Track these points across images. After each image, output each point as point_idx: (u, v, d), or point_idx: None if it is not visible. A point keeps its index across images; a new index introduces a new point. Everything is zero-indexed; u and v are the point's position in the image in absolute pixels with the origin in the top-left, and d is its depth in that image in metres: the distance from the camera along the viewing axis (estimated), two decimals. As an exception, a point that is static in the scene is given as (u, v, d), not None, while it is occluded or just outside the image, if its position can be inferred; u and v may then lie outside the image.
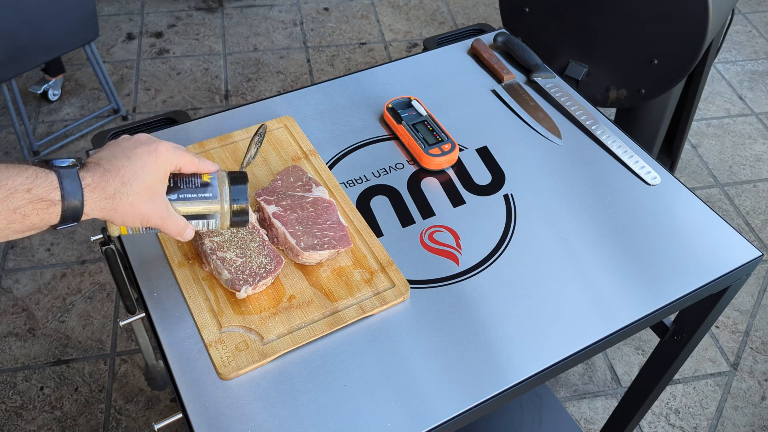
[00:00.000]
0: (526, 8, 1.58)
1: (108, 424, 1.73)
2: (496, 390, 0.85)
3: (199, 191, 0.78)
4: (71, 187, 0.67)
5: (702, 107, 2.72)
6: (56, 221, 0.68)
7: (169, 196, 0.76)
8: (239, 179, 0.81)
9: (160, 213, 0.74)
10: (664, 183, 1.12)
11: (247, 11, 3.11)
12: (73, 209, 0.68)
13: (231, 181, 0.80)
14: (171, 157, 0.75)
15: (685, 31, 1.38)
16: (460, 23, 3.10)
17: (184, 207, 0.78)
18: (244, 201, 0.80)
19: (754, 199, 2.38)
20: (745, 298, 2.09)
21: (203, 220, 0.80)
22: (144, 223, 0.74)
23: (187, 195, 0.78)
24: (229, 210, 0.80)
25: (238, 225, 0.82)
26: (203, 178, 0.79)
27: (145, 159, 0.72)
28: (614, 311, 0.94)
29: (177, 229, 0.77)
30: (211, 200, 0.79)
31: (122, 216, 0.72)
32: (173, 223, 0.77)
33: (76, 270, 2.07)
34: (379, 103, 1.23)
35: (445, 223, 1.04)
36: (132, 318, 0.97)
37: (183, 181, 0.78)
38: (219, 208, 0.79)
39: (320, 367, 0.86)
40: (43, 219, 0.67)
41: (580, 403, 1.83)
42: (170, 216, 0.76)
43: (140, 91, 2.68)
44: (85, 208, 0.68)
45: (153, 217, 0.74)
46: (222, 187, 0.79)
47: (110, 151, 0.72)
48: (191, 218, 0.79)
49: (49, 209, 0.66)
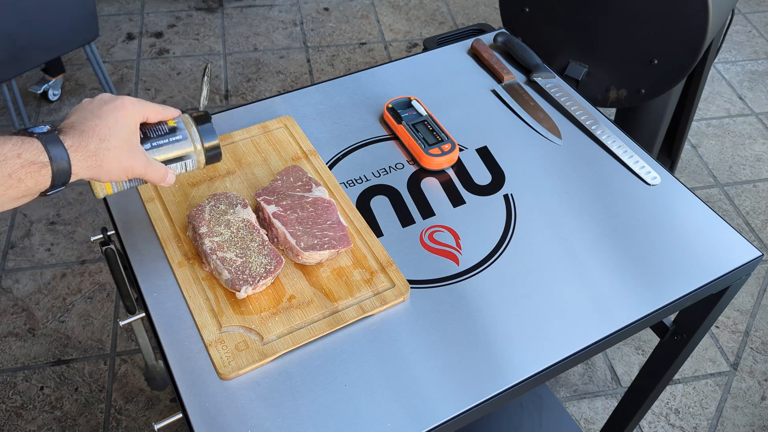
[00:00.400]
0: (526, 8, 1.58)
1: (108, 424, 1.73)
2: (496, 390, 0.85)
3: (170, 136, 0.82)
4: (56, 150, 0.70)
5: (702, 107, 2.72)
6: (48, 183, 0.70)
7: (144, 146, 0.80)
8: (203, 119, 0.85)
9: (141, 162, 0.78)
10: (664, 183, 1.12)
11: (247, 11, 3.11)
12: (62, 170, 0.70)
13: (196, 122, 0.84)
14: (137, 108, 0.78)
15: (685, 31, 1.38)
16: (460, 23, 3.10)
17: (160, 154, 0.82)
18: (213, 138, 0.85)
19: (754, 199, 2.38)
20: (745, 298, 2.09)
21: (180, 162, 0.84)
22: (129, 174, 0.78)
23: (160, 142, 0.82)
24: (202, 148, 0.84)
25: (213, 161, 0.86)
26: (169, 123, 0.83)
27: (115, 114, 0.75)
28: (614, 311, 0.94)
29: (159, 175, 0.81)
30: (183, 142, 0.83)
31: (108, 172, 0.75)
32: (155, 170, 0.80)
33: (76, 270, 2.07)
34: (379, 103, 1.23)
35: (445, 223, 1.04)
36: (132, 318, 0.97)
37: (152, 131, 0.82)
38: (192, 149, 0.84)
39: (320, 367, 0.86)
40: (37, 182, 0.69)
41: (580, 403, 1.83)
42: (151, 164, 0.79)
43: (140, 91, 2.68)
44: (73, 167, 0.71)
45: (136, 167, 0.77)
46: (190, 129, 0.84)
47: (80, 114, 0.75)
48: (168, 163, 0.83)
49: (41, 171, 0.69)
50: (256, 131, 1.14)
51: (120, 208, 1.03)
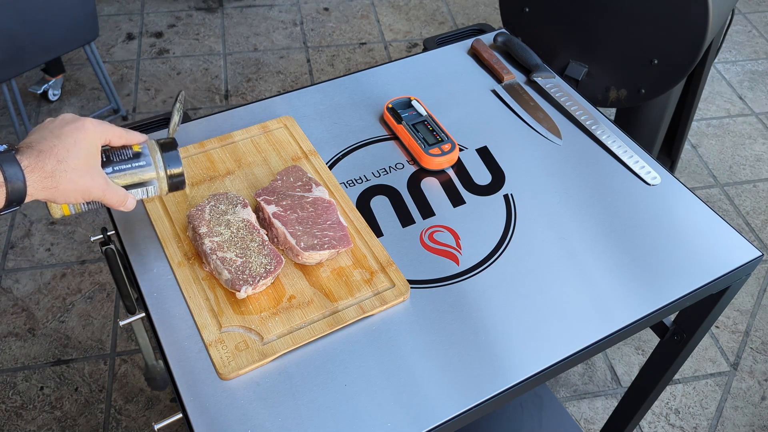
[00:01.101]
0: (526, 8, 1.58)
1: (108, 424, 1.73)
2: (496, 390, 0.85)
3: (133, 161, 0.82)
4: (11, 170, 0.69)
5: (702, 107, 2.72)
6: (2, 203, 0.70)
7: (105, 170, 0.80)
8: (169, 146, 0.85)
9: (99, 185, 0.77)
10: (664, 183, 1.12)
11: (247, 11, 3.11)
12: (17, 190, 0.70)
13: (161, 149, 0.84)
14: (98, 130, 0.78)
15: (685, 31, 1.38)
16: (460, 23, 3.10)
17: (121, 178, 0.82)
18: (178, 165, 0.85)
19: (754, 199, 2.38)
20: (745, 298, 2.09)
21: (142, 188, 0.83)
22: (86, 197, 0.77)
23: (122, 166, 0.81)
24: (165, 175, 0.84)
25: (176, 188, 0.86)
26: (134, 148, 0.83)
27: (75, 136, 0.75)
28: (614, 311, 0.94)
29: (118, 200, 0.80)
30: (146, 168, 0.83)
31: (64, 193, 0.75)
32: (113, 194, 0.80)
33: (76, 270, 2.07)
34: (379, 103, 1.23)
35: (445, 223, 1.04)
36: (132, 318, 0.97)
37: (115, 155, 0.81)
38: (155, 175, 0.84)
39: (320, 367, 0.86)
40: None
41: (580, 403, 1.83)
42: (110, 187, 0.79)
43: (140, 91, 2.68)
44: (28, 188, 0.71)
45: (94, 190, 0.77)
46: (154, 155, 0.83)
47: (39, 134, 0.75)
48: (130, 188, 0.83)
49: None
50: (256, 131, 1.14)
51: (120, 208, 1.03)
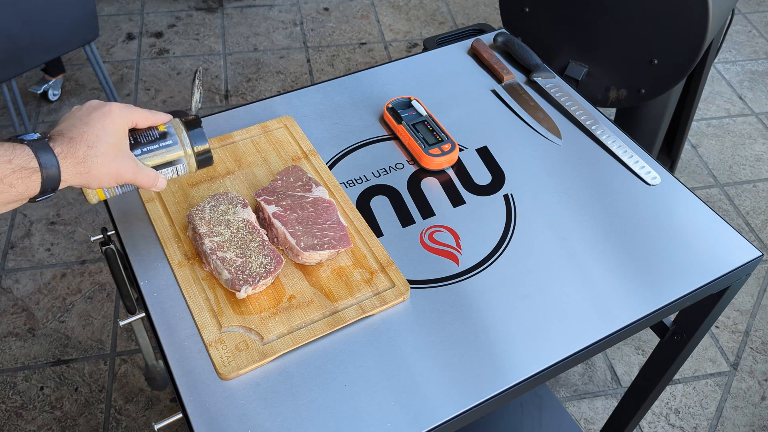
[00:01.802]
0: (526, 8, 1.58)
1: (108, 424, 1.73)
2: (496, 390, 0.85)
3: (160, 141, 0.83)
4: (46, 156, 0.71)
5: (702, 107, 2.72)
6: (38, 189, 0.72)
7: (134, 152, 0.81)
8: (194, 123, 0.86)
9: (130, 168, 0.79)
10: (664, 183, 1.12)
11: (247, 11, 3.11)
12: (52, 177, 0.72)
13: (187, 127, 0.85)
14: (125, 114, 0.79)
15: (685, 31, 1.38)
16: (460, 23, 3.10)
17: (150, 159, 0.82)
18: (204, 142, 0.85)
19: (754, 199, 2.38)
20: (745, 298, 2.09)
21: (171, 167, 0.84)
22: (118, 180, 0.79)
23: (150, 147, 0.82)
24: (192, 153, 0.85)
25: (204, 165, 0.87)
26: (159, 129, 0.83)
27: (102, 121, 0.76)
28: (614, 311, 0.94)
29: (150, 180, 0.82)
30: (173, 147, 0.84)
31: (97, 178, 0.76)
32: (145, 175, 0.81)
33: (76, 270, 2.07)
34: (379, 103, 1.23)
35: (445, 223, 1.04)
36: (132, 318, 0.97)
37: (142, 136, 0.82)
38: (183, 153, 0.84)
39: (320, 367, 0.86)
40: (28, 187, 0.71)
41: (580, 403, 1.83)
42: (140, 169, 0.80)
43: (140, 91, 2.68)
44: (62, 174, 0.73)
45: (125, 173, 0.78)
46: (180, 134, 0.84)
47: (69, 122, 0.76)
48: (159, 168, 0.83)
49: (31, 177, 0.70)
50: (256, 131, 1.14)
51: (120, 208, 1.03)
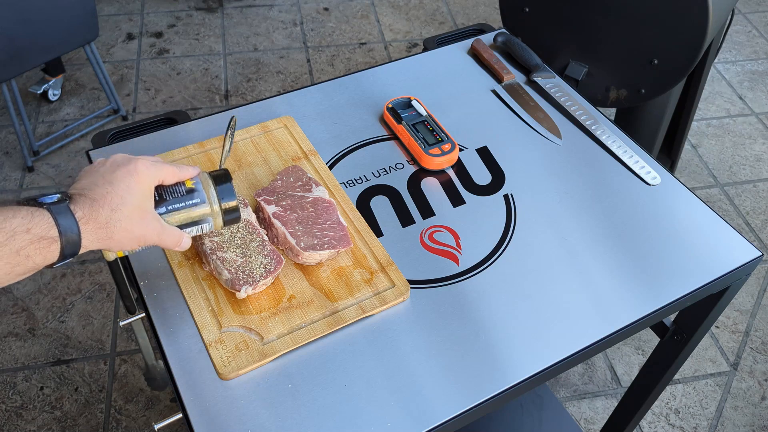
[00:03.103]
0: (526, 8, 1.58)
1: (108, 424, 1.73)
2: (496, 390, 0.85)
3: (186, 199, 0.78)
4: (67, 223, 0.66)
5: (702, 107, 2.72)
6: (56, 258, 0.67)
7: (158, 209, 0.76)
8: (222, 178, 0.81)
9: (155, 230, 0.74)
10: (664, 183, 1.12)
11: (247, 11, 3.11)
12: (72, 244, 0.67)
13: (215, 182, 0.80)
14: (151, 172, 0.74)
15: (685, 31, 1.38)
16: (460, 23, 3.10)
17: (176, 217, 0.78)
18: (233, 198, 0.80)
19: (754, 199, 2.38)
20: (745, 298, 2.09)
21: (196, 226, 0.80)
22: (141, 243, 0.74)
23: (176, 205, 0.77)
24: (219, 210, 0.80)
25: (231, 223, 0.82)
26: (187, 184, 0.78)
27: (127, 181, 0.71)
28: (614, 311, 0.94)
29: (174, 241, 0.77)
30: (200, 205, 0.79)
31: (119, 242, 0.72)
32: (169, 236, 0.76)
33: (76, 270, 2.07)
34: (379, 103, 1.23)
35: (445, 223, 1.04)
36: (132, 318, 0.97)
37: (168, 192, 0.77)
38: (209, 211, 0.79)
39: (320, 367, 0.86)
40: (45, 258, 0.66)
41: (580, 403, 1.83)
42: (165, 230, 0.75)
43: (140, 91, 2.68)
44: (83, 241, 0.68)
45: (149, 236, 0.74)
46: (208, 190, 0.79)
47: (90, 179, 0.71)
48: (184, 226, 0.79)
49: (50, 247, 0.66)
50: (256, 131, 1.14)
51: (120, 208, 1.03)
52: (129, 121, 2.55)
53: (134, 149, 1.12)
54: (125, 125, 1.16)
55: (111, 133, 1.14)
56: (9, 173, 2.34)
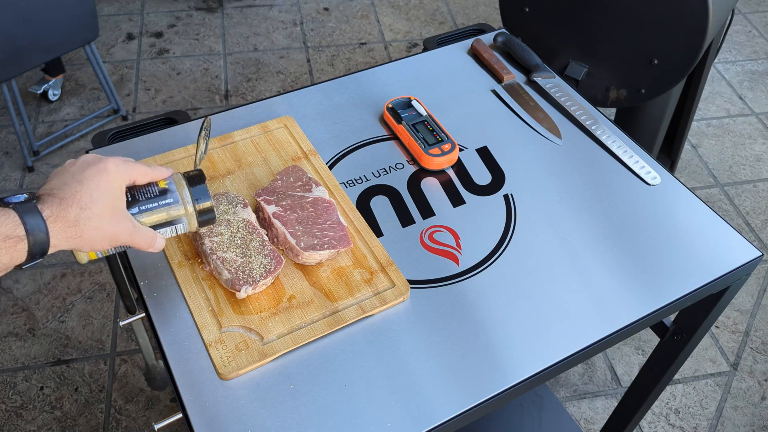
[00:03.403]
0: (526, 8, 1.58)
1: (108, 424, 1.73)
2: (496, 390, 0.85)
3: (159, 199, 0.77)
4: (33, 221, 0.65)
5: (702, 107, 2.72)
6: (24, 258, 0.66)
7: (131, 210, 0.75)
8: (196, 179, 0.80)
9: (126, 230, 0.73)
10: (664, 183, 1.12)
11: (247, 11, 3.11)
12: (40, 243, 0.66)
13: (189, 183, 0.79)
14: (122, 171, 0.73)
15: (685, 31, 1.38)
16: (460, 23, 3.10)
17: (148, 218, 0.77)
18: (207, 200, 0.79)
19: (754, 199, 2.38)
20: (745, 298, 2.09)
21: (171, 226, 0.79)
22: (113, 243, 0.73)
23: (148, 206, 0.76)
24: (194, 211, 0.79)
25: (206, 224, 0.81)
26: (160, 185, 0.77)
27: (97, 180, 0.70)
28: (614, 311, 0.94)
29: (146, 242, 0.76)
30: (173, 205, 0.78)
31: (89, 241, 0.70)
32: (142, 236, 0.75)
33: (76, 270, 2.07)
34: (379, 103, 1.23)
35: (445, 223, 1.04)
36: (132, 318, 0.97)
37: (140, 193, 0.76)
38: (184, 212, 0.78)
39: (320, 367, 0.86)
40: (12, 257, 0.65)
41: (580, 403, 1.83)
42: (137, 230, 0.74)
43: (140, 91, 2.68)
44: (51, 240, 0.67)
45: (121, 236, 0.73)
46: (181, 190, 0.78)
47: (60, 179, 0.70)
48: (158, 227, 0.78)
49: (17, 246, 0.65)
50: (256, 131, 1.14)
51: (120, 208, 1.03)
52: (129, 121, 2.55)
53: (134, 149, 1.12)
54: (125, 125, 1.16)
55: (111, 133, 1.14)
56: (9, 173, 2.34)
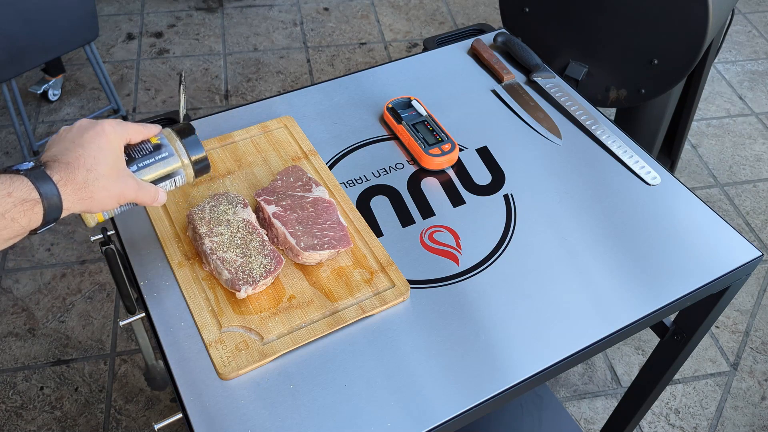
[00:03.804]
0: (526, 8, 1.58)
1: (108, 424, 1.73)
2: (496, 390, 0.85)
3: (155, 155, 0.81)
4: (46, 185, 0.68)
5: (702, 107, 2.72)
6: (40, 221, 0.69)
7: (130, 167, 0.79)
8: (187, 131, 0.83)
9: (131, 187, 0.76)
10: (664, 183, 1.12)
11: (247, 11, 3.11)
12: (54, 206, 0.69)
13: (180, 135, 0.83)
14: (118, 131, 0.76)
15: (685, 31, 1.38)
16: (460, 23, 3.10)
17: (148, 174, 0.80)
18: (200, 149, 0.83)
19: (754, 199, 2.38)
20: (745, 298, 2.09)
21: (169, 179, 0.82)
22: (120, 201, 0.76)
23: (146, 162, 0.80)
24: (190, 162, 0.83)
25: (202, 173, 0.85)
26: (152, 141, 0.81)
27: (97, 142, 0.73)
28: (614, 311, 0.94)
29: (150, 197, 0.79)
30: (169, 158, 0.82)
31: (100, 201, 0.73)
32: (145, 192, 0.79)
33: (76, 270, 2.07)
34: (379, 103, 1.23)
35: (445, 223, 1.04)
36: (132, 318, 0.97)
37: (136, 151, 0.80)
38: (180, 164, 0.82)
39: (320, 367, 0.86)
40: (31, 220, 0.68)
41: (580, 403, 1.83)
42: (141, 186, 0.78)
43: (140, 91, 2.68)
44: (64, 202, 0.70)
45: (127, 192, 0.76)
46: (174, 144, 0.82)
47: (61, 146, 0.73)
48: (158, 182, 0.82)
49: (34, 209, 0.67)
50: (256, 131, 1.14)
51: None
52: (129, 122, 2.54)
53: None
54: (125, 125, 1.16)
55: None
56: (9, 173, 2.33)
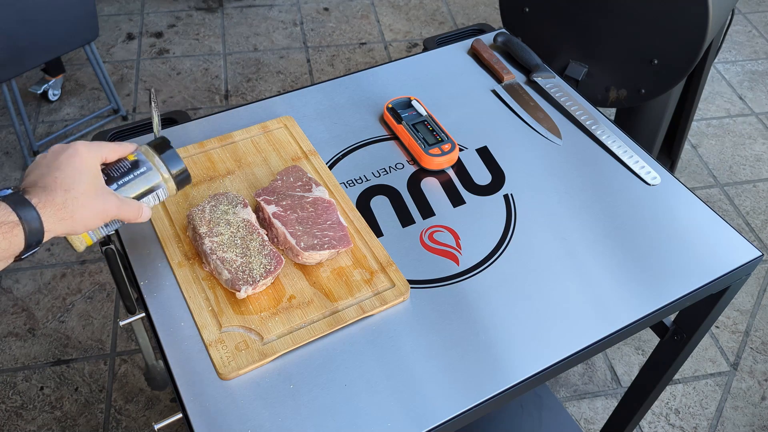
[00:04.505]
0: (526, 8, 1.58)
1: (108, 424, 1.73)
2: (496, 390, 0.85)
3: (134, 171, 0.81)
4: (24, 209, 0.68)
5: (702, 107, 2.72)
6: (22, 245, 0.68)
7: (111, 186, 0.79)
8: (163, 146, 0.84)
9: (113, 203, 0.77)
10: (664, 183, 1.12)
11: (247, 11, 3.11)
12: (35, 228, 0.69)
13: (157, 151, 0.83)
14: (93, 150, 0.76)
15: (685, 31, 1.38)
16: (460, 23, 3.10)
17: (130, 191, 0.81)
18: (179, 164, 0.84)
19: (754, 199, 2.38)
20: (745, 298, 2.09)
21: (152, 194, 0.83)
22: (104, 218, 0.76)
23: (126, 179, 0.80)
24: (170, 175, 0.83)
25: (183, 185, 0.86)
26: (129, 158, 0.82)
27: (72, 162, 0.73)
28: (614, 311, 0.94)
29: (134, 212, 0.80)
30: (149, 173, 0.82)
31: (82, 221, 0.73)
32: (129, 207, 0.79)
33: (76, 270, 2.07)
34: (379, 103, 1.23)
35: (445, 223, 1.04)
36: (132, 318, 0.97)
37: (114, 170, 0.80)
38: (160, 178, 0.83)
39: (320, 367, 0.86)
40: (11, 243, 0.67)
41: (580, 403, 1.83)
42: (123, 202, 0.78)
43: (140, 91, 2.68)
44: (44, 224, 0.69)
45: (109, 209, 0.76)
46: (153, 159, 0.83)
47: (38, 172, 0.73)
48: (141, 198, 0.82)
49: (13, 231, 0.67)
50: (256, 131, 1.14)
51: (120, 208, 1.03)
52: (129, 121, 2.55)
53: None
54: (125, 125, 1.16)
55: (111, 133, 1.14)
56: (9, 173, 2.34)
